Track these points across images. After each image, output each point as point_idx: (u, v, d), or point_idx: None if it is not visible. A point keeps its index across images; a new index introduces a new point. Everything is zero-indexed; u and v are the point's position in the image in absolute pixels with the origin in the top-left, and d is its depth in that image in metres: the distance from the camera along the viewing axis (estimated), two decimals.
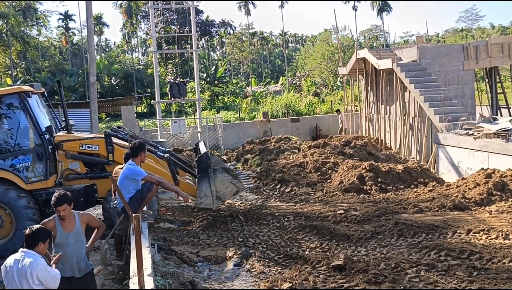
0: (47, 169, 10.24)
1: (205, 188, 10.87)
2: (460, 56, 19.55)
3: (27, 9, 52.63)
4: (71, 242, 5.74)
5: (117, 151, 10.73)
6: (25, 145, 10.30)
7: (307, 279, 7.32)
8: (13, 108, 10.24)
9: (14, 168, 10.00)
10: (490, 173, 12.61)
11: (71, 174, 10.56)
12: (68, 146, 10.56)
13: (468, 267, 7.62)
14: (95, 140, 10.91)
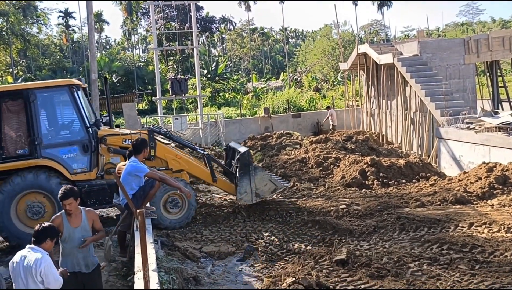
0: (91, 161, 10.49)
1: (245, 184, 11.18)
2: (461, 50, 19.54)
3: (27, 7, 52.58)
4: (77, 237, 5.81)
5: (159, 147, 11.14)
6: (72, 136, 10.62)
7: (310, 273, 7.35)
8: (63, 100, 10.62)
9: (60, 158, 10.24)
10: (492, 166, 12.63)
11: (112, 168, 10.65)
12: (111, 140, 10.83)
13: (470, 260, 7.65)
14: (138, 136, 11.05)
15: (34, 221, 9.61)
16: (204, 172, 11.55)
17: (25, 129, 10.11)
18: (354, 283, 7.15)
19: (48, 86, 10.70)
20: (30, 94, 9.98)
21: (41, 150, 10.03)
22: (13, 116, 10.25)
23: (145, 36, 75.34)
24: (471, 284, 6.89)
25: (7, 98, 10.12)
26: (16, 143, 10.24)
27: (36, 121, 10.02)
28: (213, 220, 11.13)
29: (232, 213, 11.47)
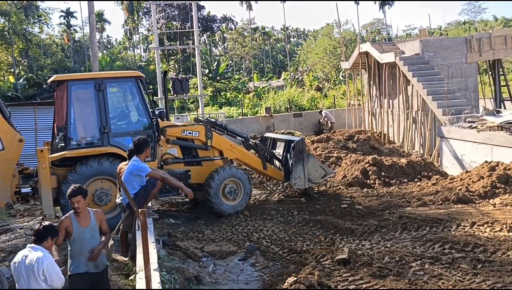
0: (154, 151, 10.88)
1: (299, 170, 11.99)
2: (463, 49, 19.51)
3: (28, 7, 52.58)
4: (86, 237, 5.81)
5: (214, 138, 11.81)
6: (137, 126, 10.98)
7: (312, 273, 7.34)
8: (130, 90, 11.08)
9: (126, 147, 10.34)
10: (494, 165, 12.61)
11: (169, 158, 11.28)
12: (171, 131, 11.35)
13: (472, 259, 7.64)
14: (196, 127, 11.80)
15: (99, 206, 9.83)
16: (255, 161, 12.40)
17: (94, 117, 10.43)
18: (356, 282, 7.14)
19: (117, 77, 11.40)
20: (100, 83, 10.36)
21: (109, 138, 10.38)
22: (83, 105, 10.64)
23: (146, 35, 75.30)
24: (473, 283, 6.87)
25: (78, 87, 10.47)
26: (85, 131, 10.61)
27: (105, 110, 10.36)
28: (214, 219, 11.12)
29: (234, 213, 11.46)
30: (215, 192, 11.21)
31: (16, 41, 48.40)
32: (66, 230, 5.76)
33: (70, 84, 10.27)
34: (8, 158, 10.02)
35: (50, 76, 34.53)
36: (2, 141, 9.99)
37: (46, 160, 9.80)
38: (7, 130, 10.14)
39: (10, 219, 13.11)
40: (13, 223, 12.32)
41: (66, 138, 10.19)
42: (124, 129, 10.99)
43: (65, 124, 10.16)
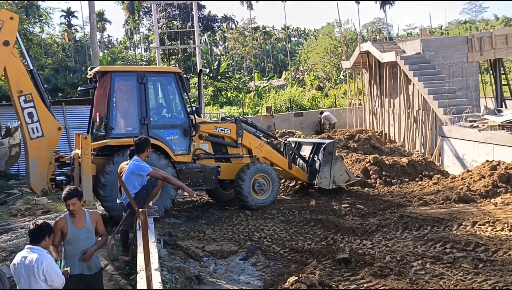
0: (189, 145, 11.39)
1: (326, 171, 12.55)
2: (464, 48, 19.50)
3: (29, 7, 52.55)
4: (82, 238, 5.75)
5: (245, 136, 12.20)
6: (175, 120, 11.48)
7: (313, 272, 7.32)
8: (169, 85, 11.55)
9: (164, 139, 11.10)
10: (495, 165, 12.60)
11: (201, 153, 11.69)
12: (204, 127, 11.72)
13: (473, 259, 7.62)
14: (228, 124, 12.19)
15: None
16: (282, 160, 12.80)
17: (135, 109, 10.89)
18: (357, 282, 7.12)
19: (158, 72, 11.83)
20: (143, 76, 10.81)
21: (148, 130, 10.79)
22: (124, 96, 11.06)
23: (147, 35, 75.33)
24: (475, 283, 6.85)
25: (121, 79, 10.91)
26: (126, 122, 11.01)
27: (145, 102, 10.82)
28: (215, 219, 11.11)
29: (235, 212, 11.46)
30: (246, 186, 11.57)
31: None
32: (61, 231, 5.70)
33: (114, 75, 10.71)
34: (47, 145, 10.51)
35: (51, 76, 34.74)
36: (43, 128, 10.48)
37: (89, 147, 10.16)
38: (47, 117, 10.64)
39: (11, 218, 13.11)
40: (14, 223, 12.30)
41: (107, 127, 10.56)
42: (162, 122, 11.44)
43: (106, 114, 10.54)
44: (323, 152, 12.62)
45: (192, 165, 11.42)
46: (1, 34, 10.17)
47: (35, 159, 10.39)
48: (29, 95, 10.47)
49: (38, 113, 10.49)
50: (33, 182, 10.48)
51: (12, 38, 10.37)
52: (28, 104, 10.44)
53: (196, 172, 11.37)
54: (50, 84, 45.34)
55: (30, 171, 10.47)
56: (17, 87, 10.46)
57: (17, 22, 10.57)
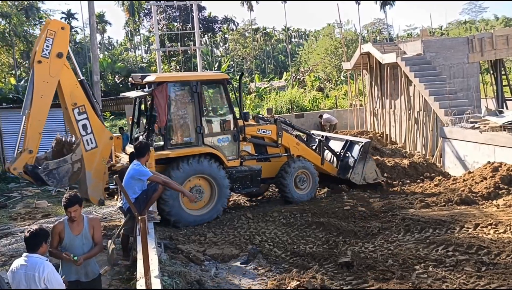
0: (238, 149, 11.83)
1: (360, 168, 13.24)
2: (464, 49, 19.45)
3: (29, 9, 52.52)
4: (78, 245, 5.70)
5: (284, 136, 12.81)
6: (225, 127, 11.72)
7: (315, 277, 7.28)
8: (219, 92, 11.96)
9: (217, 146, 11.47)
10: (497, 166, 12.55)
11: (246, 155, 12.14)
12: (248, 130, 12.11)
13: (476, 262, 7.57)
14: (269, 126, 12.76)
15: (192, 204, 10.71)
16: (315, 156, 13.38)
17: (190, 117, 11.21)
18: (359, 286, 7.08)
19: (209, 79, 11.92)
20: (196, 85, 11.07)
21: (203, 138, 11.18)
22: (180, 106, 11.30)
23: (147, 36, 75.23)
24: (478, 286, 6.81)
25: (176, 88, 11.15)
26: (183, 131, 11.37)
27: (199, 111, 11.11)
28: (216, 222, 11.06)
29: (236, 215, 11.41)
30: (289, 182, 12.25)
31: (17, 43, 48.36)
32: (59, 235, 5.67)
33: (170, 85, 10.88)
34: (100, 156, 10.47)
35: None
36: (96, 139, 10.42)
37: (153, 160, 10.34)
38: (100, 128, 10.59)
39: (11, 222, 13.07)
40: (14, 227, 12.28)
41: (165, 138, 10.85)
42: (215, 129, 11.65)
43: (165, 124, 10.75)
44: (360, 150, 13.28)
45: (241, 168, 11.86)
46: (54, 46, 9.91)
47: (91, 171, 10.31)
48: (82, 106, 10.36)
49: (91, 124, 10.41)
50: (91, 194, 10.38)
51: (65, 49, 10.14)
52: (82, 116, 10.35)
53: (244, 175, 11.87)
54: None
55: (87, 183, 10.34)
56: (71, 99, 10.31)
57: (68, 31, 10.33)
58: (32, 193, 18.06)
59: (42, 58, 9.79)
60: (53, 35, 9.87)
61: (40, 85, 9.77)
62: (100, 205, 11.22)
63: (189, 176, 10.90)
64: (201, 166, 10.97)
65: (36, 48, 10.09)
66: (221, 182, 11.22)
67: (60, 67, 10.05)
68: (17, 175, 9.98)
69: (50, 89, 9.97)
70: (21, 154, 9.73)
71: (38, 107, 9.74)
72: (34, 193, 18.08)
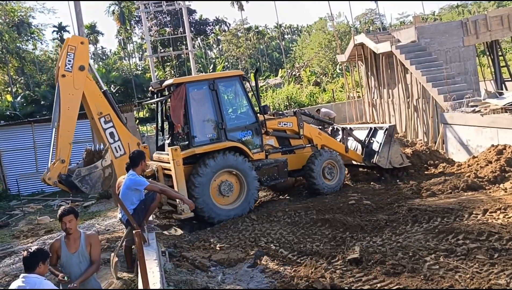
0: (261, 142, 12.19)
1: (385, 151, 13.48)
2: (459, 33, 19.24)
3: (20, 25, 52.37)
4: (74, 263, 5.55)
5: (305, 127, 13.20)
6: (246, 121, 12.16)
7: (324, 275, 7.11)
8: (235, 88, 12.31)
9: (241, 140, 11.82)
10: (501, 149, 12.35)
11: (270, 149, 12.49)
12: (269, 124, 12.52)
13: (488, 249, 7.36)
14: (289, 118, 13.11)
15: (223, 199, 11.42)
16: (339, 145, 13.81)
17: (211, 115, 11.56)
18: (370, 282, 6.89)
19: (225, 76, 12.31)
20: (213, 83, 11.51)
21: (226, 134, 11.54)
22: (200, 104, 11.65)
23: (140, 44, 75.05)
24: (491, 274, 6.61)
25: (194, 88, 11.50)
26: (205, 128, 11.63)
27: (219, 107, 11.50)
28: (220, 226, 10.88)
29: (240, 218, 11.22)
30: (317, 174, 12.54)
31: (11, 60, 48.22)
32: (56, 253, 5.54)
33: (188, 85, 11.27)
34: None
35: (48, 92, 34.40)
36: (124, 145, 11.15)
37: (180, 158, 10.69)
38: (126, 135, 11.34)
39: (14, 241, 12.93)
40: (17, 245, 12.13)
41: (189, 136, 11.21)
42: (236, 124, 12.01)
43: (187, 124, 11.15)
44: (384, 133, 13.57)
45: (266, 161, 12.20)
46: (75, 60, 10.52)
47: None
48: (107, 115, 11.06)
49: (118, 132, 11.12)
50: None
51: (86, 62, 10.74)
52: (108, 124, 11.05)
53: (271, 167, 12.17)
54: (47, 100, 45.17)
55: None
56: (96, 109, 11.01)
57: (87, 45, 10.95)
58: (34, 209, 17.96)
59: (65, 72, 10.48)
60: (73, 50, 10.55)
61: (66, 98, 10.46)
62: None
63: (216, 172, 11.22)
64: (226, 161, 11.29)
65: (59, 64, 10.72)
66: (248, 174, 11.52)
67: (83, 79, 10.71)
68: (52, 184, 10.34)
69: (76, 100, 10.65)
70: (54, 164, 10.21)
71: (66, 119, 10.43)
72: (36, 209, 17.97)
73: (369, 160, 13.78)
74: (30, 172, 22.04)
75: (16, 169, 21.85)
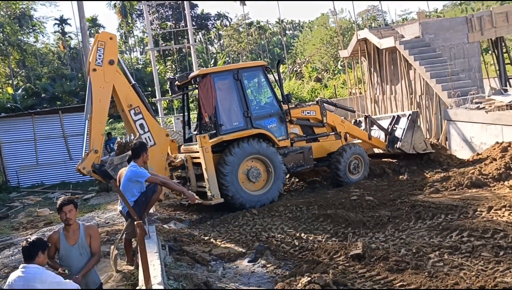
0: (286, 130, 12.53)
1: (408, 136, 13.71)
2: (464, 29, 19.10)
3: (22, 17, 52.20)
4: (75, 255, 5.46)
5: (328, 115, 13.49)
6: (270, 109, 12.49)
7: (326, 271, 6.99)
8: (259, 78, 12.58)
9: (267, 128, 12.13)
10: (506, 146, 12.24)
11: (295, 137, 12.81)
12: (293, 112, 12.84)
13: (493, 246, 7.23)
14: (312, 107, 13.46)
15: (251, 184, 11.71)
16: (362, 132, 14.19)
17: (236, 104, 11.91)
18: (373, 278, 6.76)
19: (248, 67, 12.62)
20: (237, 73, 11.83)
21: (252, 121, 11.84)
22: (225, 94, 11.95)
23: (141, 38, 74.91)
24: (497, 272, 6.49)
25: (219, 78, 11.80)
26: (232, 117, 11.95)
27: (244, 96, 11.85)
28: (221, 220, 10.78)
29: (240, 212, 11.12)
30: (343, 169, 12.79)
31: (12, 52, 48.09)
32: (55, 246, 5.45)
33: (213, 76, 11.61)
34: (160, 152, 11.63)
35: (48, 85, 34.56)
36: (153, 136, 11.54)
37: (208, 145, 11.11)
38: (155, 126, 11.80)
39: (13, 232, 12.89)
40: (16, 237, 12.08)
41: (216, 125, 11.51)
42: (261, 112, 12.35)
43: (214, 113, 11.45)
44: (408, 119, 13.82)
45: (292, 148, 12.53)
46: (105, 55, 10.99)
47: (153, 167, 11.04)
48: (137, 108, 11.47)
49: (147, 123, 11.52)
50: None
51: (115, 57, 11.21)
52: (138, 116, 11.48)
53: (297, 154, 12.51)
54: (48, 93, 45.08)
55: None
56: (126, 101, 11.43)
57: (116, 41, 11.47)
58: (33, 201, 17.91)
59: (96, 67, 10.95)
60: (103, 45, 11.02)
61: (97, 91, 10.93)
62: (166, 198, 12.04)
63: (243, 159, 11.52)
64: (252, 147, 11.60)
65: (89, 59, 11.26)
66: (274, 159, 11.83)
67: (113, 73, 11.15)
68: (86, 174, 10.80)
69: (107, 93, 11.10)
70: (88, 155, 10.66)
71: (98, 111, 10.90)
72: (36, 201, 17.91)
73: (392, 146, 13.99)
74: (30, 164, 21.97)
75: (16, 161, 21.80)
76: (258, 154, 11.70)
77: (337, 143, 13.41)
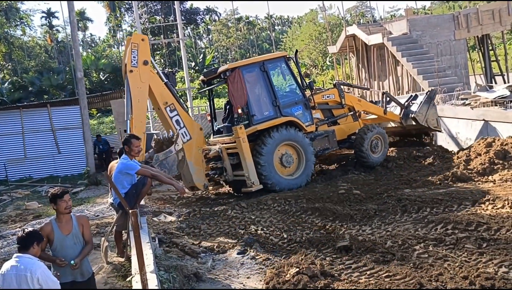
0: (311, 116, 13.08)
1: (423, 110, 14.41)
2: (451, 26, 19.34)
3: (9, 10, 51.66)
4: (69, 245, 5.52)
5: (346, 96, 14.17)
6: (295, 97, 13.02)
7: (314, 262, 7.12)
8: (282, 68, 13.06)
9: (294, 115, 12.64)
10: (491, 142, 12.44)
11: (318, 122, 13.34)
12: (315, 98, 13.31)
13: (476, 239, 7.42)
14: (331, 90, 14.11)
15: (285, 169, 12.32)
16: (377, 108, 14.87)
17: (265, 94, 12.42)
18: (360, 269, 6.91)
19: (272, 58, 13.03)
20: (263, 65, 12.33)
21: (281, 110, 12.36)
22: (254, 85, 12.43)
23: (130, 32, 74.42)
24: (480, 263, 6.67)
25: (247, 71, 12.21)
26: (262, 107, 12.43)
27: (271, 86, 12.36)
28: (210, 213, 10.86)
29: (230, 205, 11.22)
30: (366, 148, 13.38)
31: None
32: (48, 238, 5.48)
33: (241, 69, 12.05)
34: (196, 146, 12.11)
35: (36, 78, 34.36)
36: (189, 131, 12.04)
37: (245, 135, 11.61)
38: (190, 121, 12.29)
39: (2, 225, 12.86)
40: (5, 230, 12.07)
41: (249, 116, 11.99)
42: (288, 100, 12.86)
43: (246, 104, 11.92)
44: (426, 94, 14.58)
45: (318, 132, 13.11)
46: (139, 56, 11.35)
47: (191, 160, 11.85)
48: (172, 104, 11.92)
49: (182, 119, 11.99)
50: (196, 180, 12.02)
51: (149, 57, 11.61)
52: (174, 112, 11.94)
53: (323, 137, 13.14)
54: (35, 86, 44.75)
55: (191, 171, 11.96)
56: (162, 99, 11.90)
57: (147, 42, 11.83)
58: (22, 195, 17.84)
59: (132, 68, 11.34)
60: (136, 47, 11.38)
61: (136, 91, 11.35)
62: (205, 189, 12.59)
63: (276, 147, 12.05)
64: (282, 134, 12.13)
65: (125, 61, 11.63)
66: (303, 143, 12.40)
67: (148, 73, 11.58)
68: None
69: (144, 93, 11.56)
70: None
71: (137, 111, 11.31)
72: (24, 195, 17.85)
73: (406, 119, 14.64)
74: (18, 157, 21.85)
75: (4, 155, 21.66)
76: (289, 140, 12.24)
77: (355, 125, 14.10)
